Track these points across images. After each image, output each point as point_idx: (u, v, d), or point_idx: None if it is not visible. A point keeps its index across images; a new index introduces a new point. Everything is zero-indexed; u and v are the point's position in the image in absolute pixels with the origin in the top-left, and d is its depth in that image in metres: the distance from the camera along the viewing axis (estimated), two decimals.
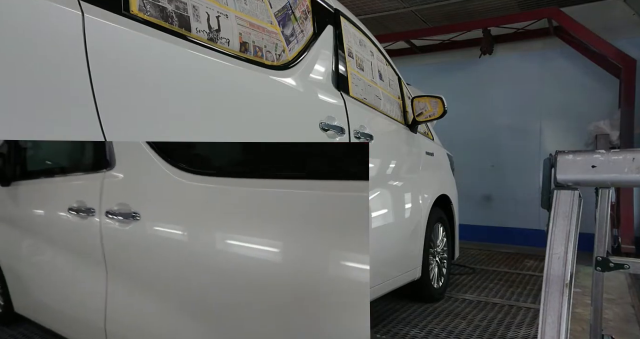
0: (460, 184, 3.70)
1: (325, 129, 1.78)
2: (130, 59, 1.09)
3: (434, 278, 3.06)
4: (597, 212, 1.44)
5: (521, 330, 2.58)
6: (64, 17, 0.95)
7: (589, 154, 1.13)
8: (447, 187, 3.34)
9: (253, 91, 1.48)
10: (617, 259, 1.29)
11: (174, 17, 1.21)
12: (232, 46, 1.40)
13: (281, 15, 1.66)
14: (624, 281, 3.66)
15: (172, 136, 1.22)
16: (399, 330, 2.56)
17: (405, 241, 2.59)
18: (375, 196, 2.25)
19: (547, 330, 1.04)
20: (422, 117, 2.71)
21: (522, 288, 3.53)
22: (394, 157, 2.54)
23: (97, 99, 1.00)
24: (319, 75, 1.86)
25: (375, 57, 2.51)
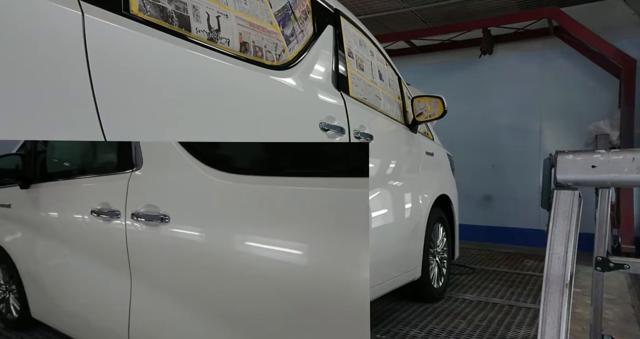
0: (460, 184, 3.70)
1: (325, 129, 1.78)
2: (130, 59, 1.09)
3: (434, 278, 3.06)
4: (597, 212, 1.44)
5: (521, 330, 2.58)
6: (64, 17, 0.95)
7: (589, 154, 1.13)
8: (447, 187, 3.34)
9: (253, 91, 1.48)
10: (617, 259, 1.29)
11: (174, 17, 1.21)
12: (232, 46, 1.40)
13: (281, 15, 1.66)
14: (624, 281, 3.66)
15: (172, 136, 1.22)
16: (399, 330, 2.56)
17: (405, 241, 2.59)
18: (375, 196, 2.25)
19: (547, 330, 1.04)
20: (422, 117, 2.71)
21: (522, 288, 3.53)
22: (394, 157, 2.54)
23: (97, 99, 1.00)
24: (319, 75, 1.86)
25: (375, 57, 2.51)
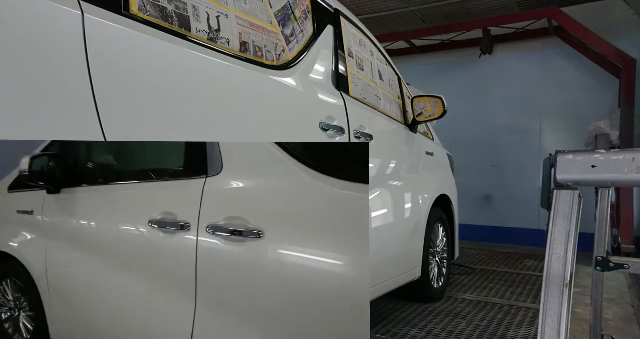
0: (460, 184, 3.70)
1: (325, 129, 1.78)
2: (130, 59, 1.09)
3: (434, 278, 3.06)
4: (597, 212, 1.44)
5: (521, 330, 2.58)
6: (64, 17, 0.95)
7: (589, 154, 1.13)
8: (447, 187, 3.34)
9: (253, 91, 1.48)
10: (617, 259, 1.29)
11: (174, 17, 1.21)
12: (232, 46, 1.40)
13: (281, 15, 1.66)
14: (624, 281, 3.66)
15: (172, 136, 1.22)
16: (399, 330, 2.56)
17: (405, 241, 2.59)
18: (375, 196, 2.25)
19: (547, 330, 1.04)
20: (422, 117, 2.71)
21: (522, 288, 3.53)
22: (394, 157, 2.54)
23: (97, 99, 1.00)
24: (319, 75, 1.86)
25: (375, 57, 2.51)
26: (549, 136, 5.69)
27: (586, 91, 5.42)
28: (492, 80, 6.00)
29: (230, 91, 1.38)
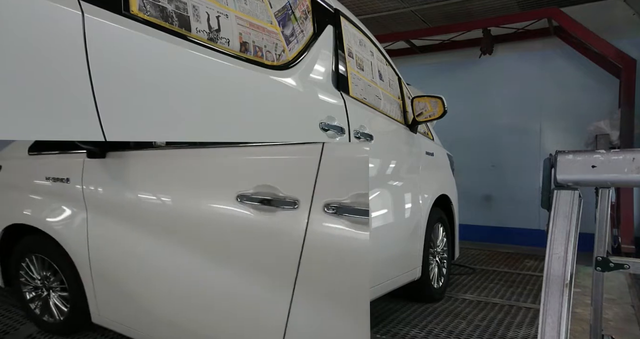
0: (460, 184, 3.70)
1: (325, 129, 1.78)
2: (131, 59, 1.09)
3: (434, 278, 3.06)
4: (597, 212, 1.44)
5: (521, 330, 2.58)
6: (64, 17, 0.95)
7: (589, 154, 1.13)
8: (447, 187, 3.34)
9: (253, 91, 1.48)
10: (617, 259, 1.29)
11: (174, 17, 1.21)
12: (232, 46, 1.40)
13: (281, 15, 1.66)
14: (624, 281, 3.65)
15: (172, 135, 1.22)
16: (399, 330, 2.56)
17: (405, 241, 2.59)
18: (375, 196, 2.25)
19: (547, 330, 1.04)
20: (422, 117, 2.71)
21: (522, 288, 3.53)
22: (394, 157, 2.54)
23: (97, 99, 1.00)
24: (319, 75, 1.86)
25: (375, 57, 2.51)
26: (549, 136, 5.69)
27: (586, 91, 5.41)
28: (492, 80, 5.99)
29: (230, 91, 1.38)
